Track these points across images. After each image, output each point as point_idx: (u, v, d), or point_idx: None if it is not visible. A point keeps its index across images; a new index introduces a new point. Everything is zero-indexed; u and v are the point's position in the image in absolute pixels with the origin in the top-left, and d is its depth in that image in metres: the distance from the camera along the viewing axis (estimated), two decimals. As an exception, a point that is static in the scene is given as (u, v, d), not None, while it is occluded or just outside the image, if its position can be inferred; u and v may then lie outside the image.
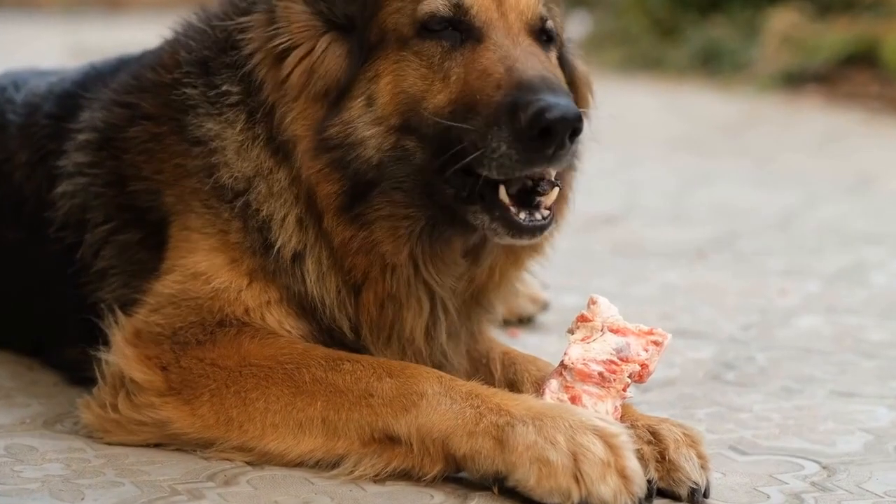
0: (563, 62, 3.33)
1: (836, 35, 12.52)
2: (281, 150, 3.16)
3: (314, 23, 3.14)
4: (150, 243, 3.36)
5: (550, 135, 2.87)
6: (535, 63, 3.01)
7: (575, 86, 3.36)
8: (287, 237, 3.18)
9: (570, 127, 2.89)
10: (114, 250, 3.42)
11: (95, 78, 3.71)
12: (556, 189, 3.06)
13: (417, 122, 3.05)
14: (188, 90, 3.30)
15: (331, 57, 3.11)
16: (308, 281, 3.19)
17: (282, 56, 3.14)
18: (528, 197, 3.02)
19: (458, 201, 3.05)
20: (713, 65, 13.63)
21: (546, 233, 3.07)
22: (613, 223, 6.84)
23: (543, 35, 3.19)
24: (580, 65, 3.44)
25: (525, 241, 3.07)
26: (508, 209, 3.00)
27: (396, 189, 3.09)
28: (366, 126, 3.07)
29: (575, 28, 3.62)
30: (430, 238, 3.15)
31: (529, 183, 3.02)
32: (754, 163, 9.11)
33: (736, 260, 5.93)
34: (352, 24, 3.13)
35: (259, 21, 3.20)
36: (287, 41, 3.14)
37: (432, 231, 3.14)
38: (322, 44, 3.12)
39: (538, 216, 3.02)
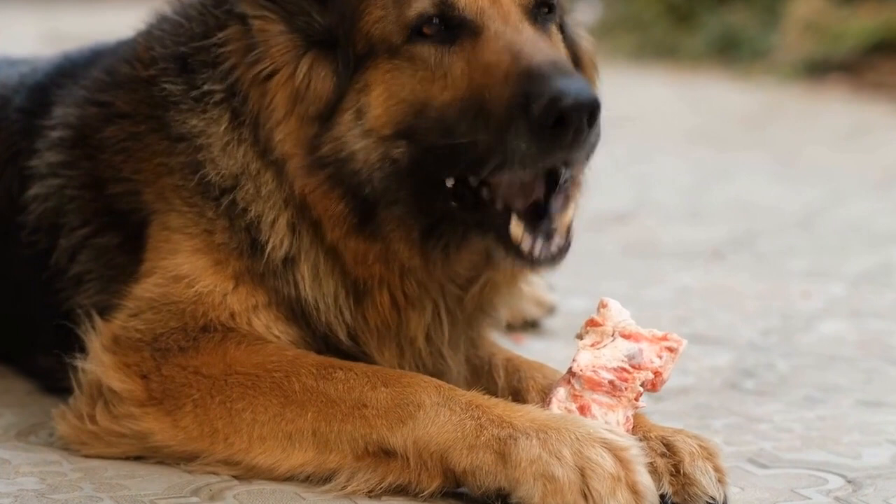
0: (566, 38, 3.31)
1: (863, 21, 12.51)
2: (267, 155, 3.16)
3: (294, 43, 3.13)
4: (129, 247, 3.36)
5: (566, 123, 2.86)
6: (542, 47, 2.99)
7: (580, 65, 3.34)
8: (278, 240, 3.18)
9: (587, 111, 2.87)
10: (90, 254, 3.41)
11: (69, 70, 3.71)
12: (573, 207, 3.05)
13: (416, 129, 3.03)
14: (168, 86, 3.30)
15: (316, 78, 3.11)
16: (302, 285, 3.19)
17: (266, 78, 3.14)
18: (541, 214, 3.01)
19: (469, 225, 3.06)
20: (731, 53, 13.63)
21: (565, 256, 3.06)
22: (625, 221, 6.83)
23: (544, 7, 3.16)
24: (585, 43, 3.41)
25: (544, 271, 3.05)
26: (520, 247, 2.99)
27: (395, 203, 3.09)
28: (355, 140, 3.08)
29: (584, 13, 3.61)
30: (440, 241, 3.14)
31: (541, 196, 3.02)
32: (775, 157, 9.11)
33: (755, 261, 5.93)
34: (334, 38, 3.12)
35: (235, 36, 3.19)
36: (269, 66, 3.14)
37: (442, 232, 3.13)
38: (304, 65, 3.12)
39: (553, 247, 3.01)
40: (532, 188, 3.03)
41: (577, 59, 3.34)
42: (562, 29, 3.31)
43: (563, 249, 3.04)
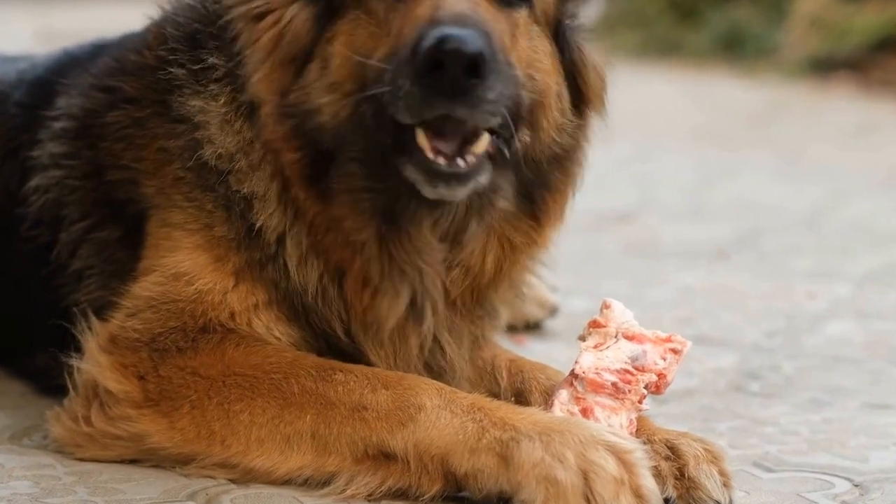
0: (564, 44, 3.27)
1: (869, 18, 12.52)
2: (245, 95, 3.18)
3: None
4: (129, 242, 3.36)
5: (441, 66, 2.82)
6: (463, 4, 2.97)
7: (580, 73, 3.28)
8: (268, 216, 3.18)
9: (464, 59, 2.81)
10: (91, 249, 3.42)
11: (71, 63, 3.72)
12: (486, 136, 2.98)
13: (366, 82, 3.01)
14: (174, 69, 3.31)
15: (298, 22, 3.13)
16: (290, 267, 3.18)
17: (258, 17, 3.17)
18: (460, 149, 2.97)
19: (393, 154, 3.00)
20: (736, 50, 13.64)
21: (471, 183, 2.98)
22: (627, 221, 6.84)
23: None
24: (591, 52, 3.33)
25: (446, 192, 2.97)
26: (425, 154, 2.93)
27: (353, 160, 3.08)
28: (320, 92, 3.08)
29: (586, 10, 3.60)
30: (393, 215, 3.11)
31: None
32: (780, 156, 9.11)
33: (759, 260, 5.93)
34: None
35: None
36: (263, 6, 3.16)
37: (395, 207, 3.11)
38: (293, 9, 3.14)
39: (460, 162, 2.94)
40: (449, 137, 2.96)
41: (577, 69, 3.28)
42: (559, 34, 3.26)
43: (473, 168, 2.95)
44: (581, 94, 3.28)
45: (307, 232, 3.18)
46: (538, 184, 3.21)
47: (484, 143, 2.98)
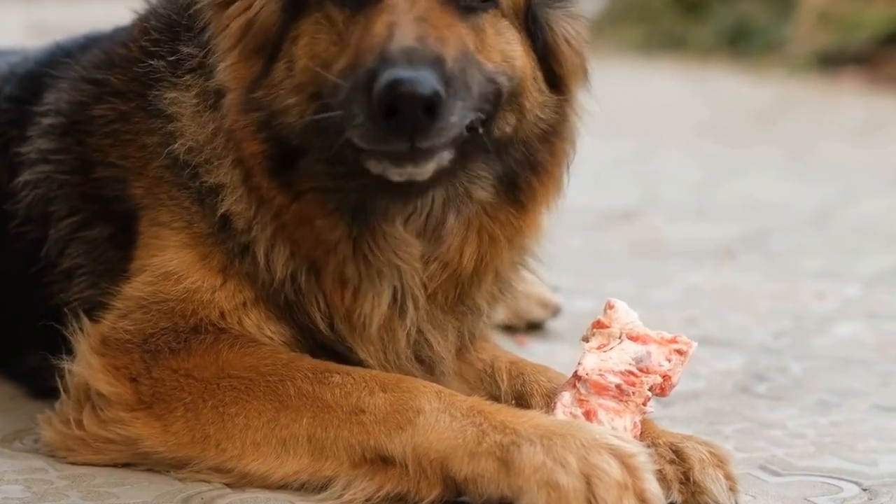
0: (536, 26, 3.24)
1: (878, 12, 12.52)
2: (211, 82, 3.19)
3: None
4: (120, 240, 3.37)
5: (397, 113, 2.84)
6: (414, 29, 2.95)
7: (553, 54, 3.26)
8: (233, 202, 3.19)
9: (420, 104, 2.83)
10: (81, 248, 3.42)
11: (63, 56, 3.73)
12: (458, 115, 2.96)
13: (326, 90, 3.02)
14: (154, 61, 3.33)
15: (266, 11, 3.13)
16: (258, 255, 3.19)
17: (226, 4, 3.18)
18: None
19: (356, 154, 2.99)
20: (742, 44, 13.65)
21: (437, 158, 2.97)
22: (631, 219, 6.84)
23: None
24: (565, 28, 3.29)
25: (413, 170, 2.96)
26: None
27: (319, 161, 3.09)
28: (288, 93, 3.09)
29: (589, 4, 3.61)
30: (364, 213, 3.13)
31: None
32: (787, 153, 9.12)
33: (767, 260, 5.93)
34: None
35: None
36: None
37: (365, 205, 3.12)
38: None
39: (424, 142, 2.92)
40: None
41: (549, 51, 3.26)
42: (530, 16, 3.23)
43: (437, 144, 2.94)
44: (555, 74, 3.26)
45: (271, 218, 3.18)
46: (526, 164, 3.21)
47: (457, 117, 2.96)
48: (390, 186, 3.03)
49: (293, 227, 3.17)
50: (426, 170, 2.98)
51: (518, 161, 3.21)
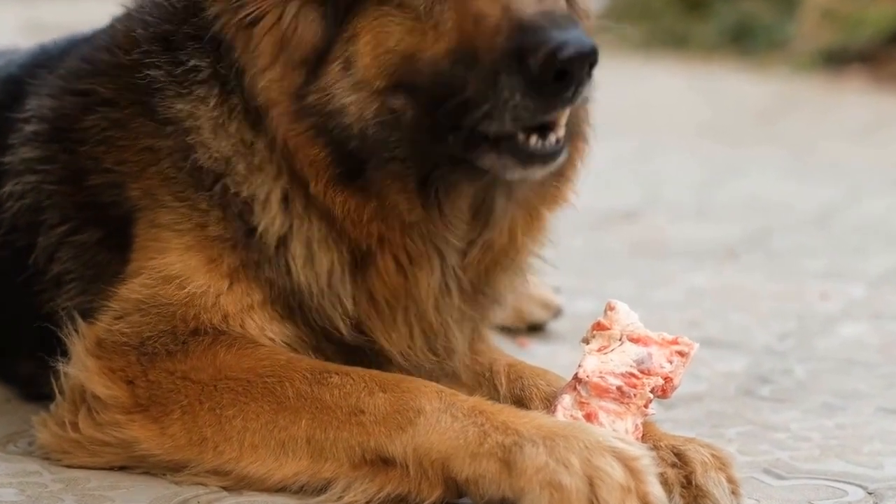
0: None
1: (883, 9, 12.52)
2: (259, 119, 3.16)
3: None
4: (111, 244, 3.35)
5: (567, 76, 2.87)
6: None
7: (572, 5, 3.29)
8: (270, 219, 3.18)
9: (588, 61, 2.88)
10: (70, 253, 3.41)
11: (44, 61, 3.71)
12: (568, 109, 3.03)
13: (411, 80, 3.03)
14: (152, 72, 3.29)
15: (304, 24, 3.11)
16: (294, 268, 3.19)
17: (251, 24, 3.14)
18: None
19: (463, 152, 3.03)
20: (745, 42, 13.64)
21: (560, 159, 3.05)
22: (632, 219, 6.84)
23: None
24: (585, 10, 3.37)
25: (539, 171, 3.04)
26: (515, 136, 2.97)
27: (392, 159, 3.09)
28: (345, 92, 3.07)
29: (590, 1, 3.58)
30: (437, 192, 3.14)
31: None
32: (791, 152, 9.12)
33: (770, 260, 5.94)
34: None
35: None
36: (255, 10, 3.13)
37: (439, 184, 3.13)
38: (291, 9, 3.10)
39: (552, 138, 2.99)
40: None
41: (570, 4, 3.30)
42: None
43: (562, 145, 3.01)
44: None
45: (319, 228, 3.18)
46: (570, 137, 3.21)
47: (566, 114, 3.03)
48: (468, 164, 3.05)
49: (358, 225, 3.14)
50: (546, 171, 3.06)
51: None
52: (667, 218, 6.91)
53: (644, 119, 9.48)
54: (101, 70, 3.43)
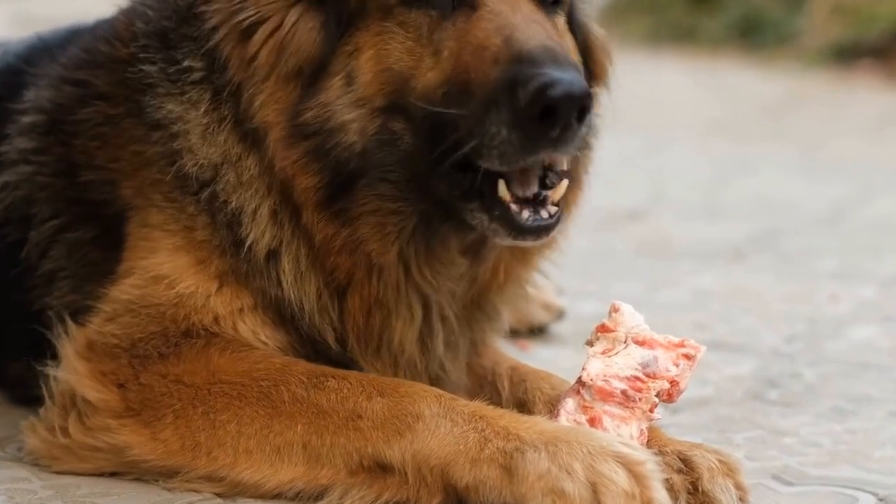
0: (575, 26, 3.33)
1: (894, 4, 12.53)
2: (250, 136, 3.17)
3: None
4: (104, 242, 3.36)
5: (554, 115, 2.86)
6: (536, 31, 3.00)
7: (590, 53, 3.38)
8: (259, 232, 3.19)
9: (577, 105, 2.88)
10: (63, 250, 3.42)
11: (42, 51, 3.72)
12: (565, 182, 3.06)
13: (405, 104, 3.05)
14: (146, 67, 3.30)
15: (303, 30, 3.10)
16: (284, 283, 3.20)
17: (249, 32, 3.14)
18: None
19: (454, 198, 3.05)
20: (753, 37, 13.65)
21: (553, 232, 3.08)
22: (638, 219, 6.84)
23: None
24: (595, 28, 3.43)
25: (528, 243, 3.08)
26: (509, 207, 3.00)
27: (383, 180, 3.09)
28: (346, 108, 3.08)
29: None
30: (423, 236, 3.16)
31: (539, 172, 3.02)
32: (800, 149, 9.12)
33: (779, 261, 5.94)
34: None
35: None
36: (254, 15, 3.13)
37: (426, 228, 3.15)
38: (292, 16, 3.11)
39: (543, 214, 3.02)
40: (528, 178, 3.03)
41: (586, 47, 3.36)
42: (571, 17, 3.31)
43: (555, 218, 3.03)
44: (590, 72, 3.35)
45: (307, 251, 3.18)
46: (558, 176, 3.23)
47: (563, 188, 3.05)
48: (458, 217, 3.07)
49: (334, 255, 3.15)
50: (538, 244, 3.10)
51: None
52: (673, 217, 6.91)
53: (650, 115, 9.49)
54: (99, 62, 3.45)
